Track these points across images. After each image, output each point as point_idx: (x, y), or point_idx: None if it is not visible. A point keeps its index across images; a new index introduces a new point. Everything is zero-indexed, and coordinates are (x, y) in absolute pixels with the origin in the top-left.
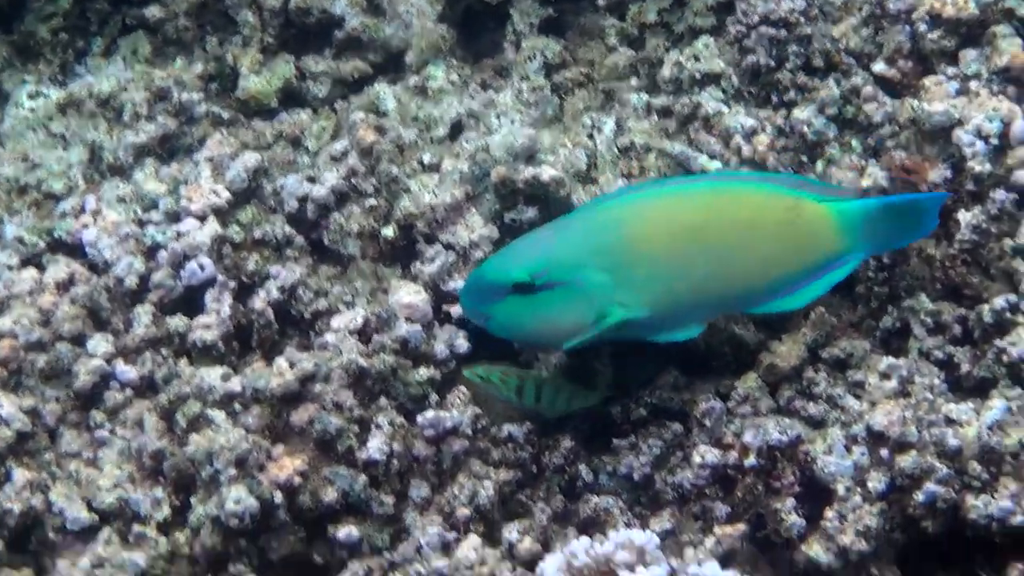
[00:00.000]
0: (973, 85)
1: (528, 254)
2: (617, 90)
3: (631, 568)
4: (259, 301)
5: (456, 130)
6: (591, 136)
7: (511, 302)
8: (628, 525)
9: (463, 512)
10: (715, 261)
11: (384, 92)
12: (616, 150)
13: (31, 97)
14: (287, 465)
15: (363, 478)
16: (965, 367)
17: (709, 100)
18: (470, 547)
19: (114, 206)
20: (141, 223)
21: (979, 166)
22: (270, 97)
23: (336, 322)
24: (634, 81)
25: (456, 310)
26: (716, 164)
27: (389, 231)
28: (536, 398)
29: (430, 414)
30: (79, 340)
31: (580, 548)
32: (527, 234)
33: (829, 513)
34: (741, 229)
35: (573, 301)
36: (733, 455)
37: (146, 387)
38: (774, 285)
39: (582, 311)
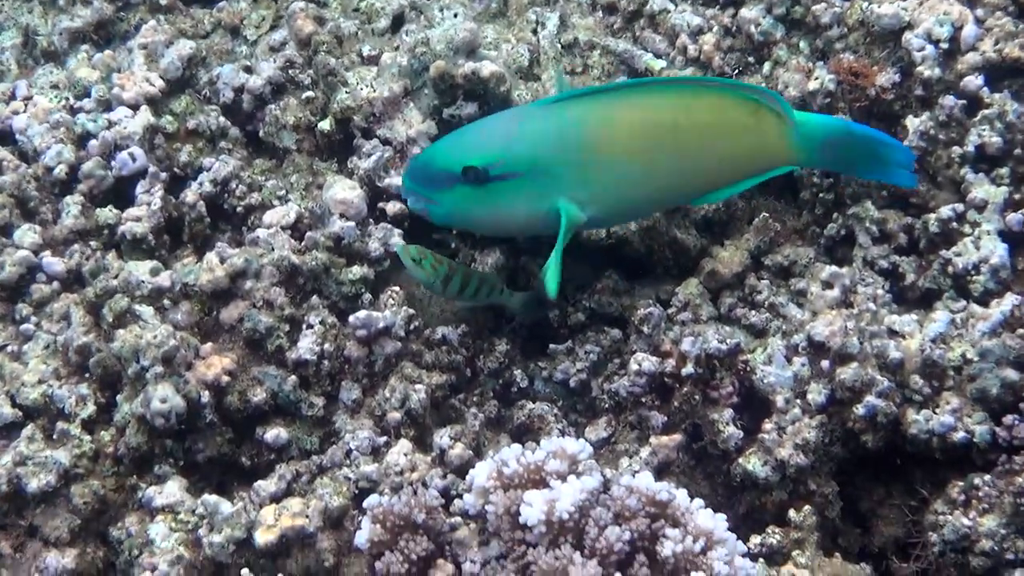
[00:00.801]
0: None
1: (485, 141)
2: None
3: (562, 477)
4: (191, 194)
5: (398, 23)
6: (534, 31)
7: (460, 191)
8: (563, 432)
9: (394, 416)
10: (674, 165)
11: None
12: (560, 46)
13: None
14: (215, 364)
15: (293, 379)
16: (910, 277)
17: None
18: (400, 452)
19: (46, 92)
20: (73, 111)
21: (928, 71)
22: None
23: (269, 217)
24: None
25: (392, 207)
26: (661, 63)
27: (325, 124)
28: (459, 290)
29: (362, 314)
30: (5, 230)
31: (511, 456)
32: (482, 120)
33: (767, 425)
34: (703, 131)
35: (526, 195)
36: (671, 363)
37: (74, 280)
38: (724, 184)
39: (534, 206)
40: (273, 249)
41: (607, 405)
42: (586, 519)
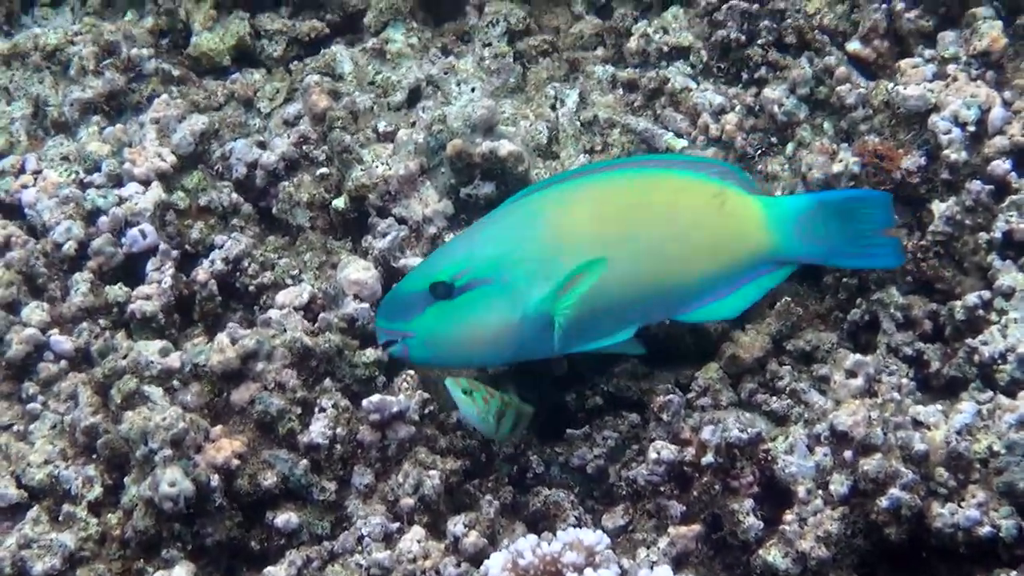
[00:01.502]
0: (951, 69)
1: (446, 256)
2: (582, 60)
3: (579, 570)
4: (202, 272)
5: (414, 97)
6: (553, 108)
7: (431, 313)
8: (579, 520)
9: (407, 502)
10: (640, 249)
11: (341, 54)
12: (579, 124)
13: None
14: (225, 447)
15: (304, 462)
16: (935, 365)
17: (677, 75)
18: (413, 539)
19: (56, 166)
20: (83, 185)
21: (955, 154)
22: (223, 55)
23: (281, 297)
24: (600, 52)
25: None
26: (682, 142)
27: (340, 202)
28: (512, 428)
29: (376, 398)
30: (13, 307)
31: (527, 546)
32: (443, 245)
33: (788, 516)
34: (664, 213)
35: (497, 300)
36: (690, 451)
37: (82, 359)
38: (702, 282)
39: (507, 310)
40: (285, 330)
41: (624, 492)
42: None
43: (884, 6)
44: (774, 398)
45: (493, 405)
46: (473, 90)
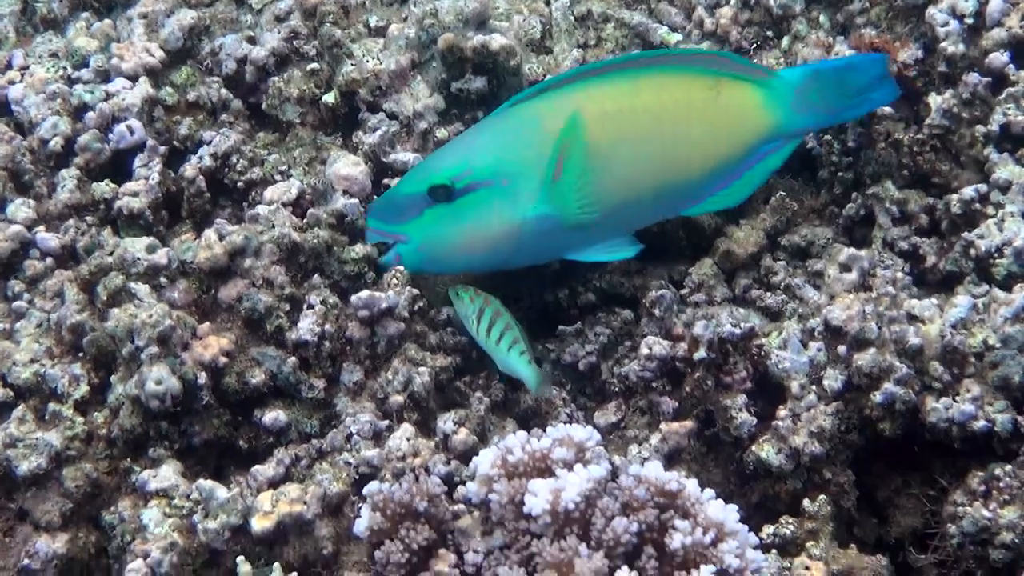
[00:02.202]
0: None
1: (446, 158)
2: None
3: (569, 466)
4: (191, 168)
5: None
6: (547, 2)
7: (429, 215)
8: (571, 417)
9: (397, 399)
10: (640, 151)
11: None
12: (572, 18)
13: None
14: (212, 344)
15: (293, 360)
16: (931, 259)
17: None
18: (403, 437)
19: (44, 62)
20: (71, 81)
21: (952, 47)
22: None
23: (270, 193)
24: None
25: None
26: (676, 36)
27: (330, 98)
28: (489, 326)
29: (365, 294)
30: None
31: (516, 443)
32: (441, 147)
33: (782, 412)
34: (662, 113)
35: (497, 202)
36: (683, 347)
37: (68, 256)
38: (706, 175)
39: (508, 212)
40: (274, 226)
41: (617, 389)
42: (593, 509)
43: None
44: (768, 294)
45: (477, 302)
46: None
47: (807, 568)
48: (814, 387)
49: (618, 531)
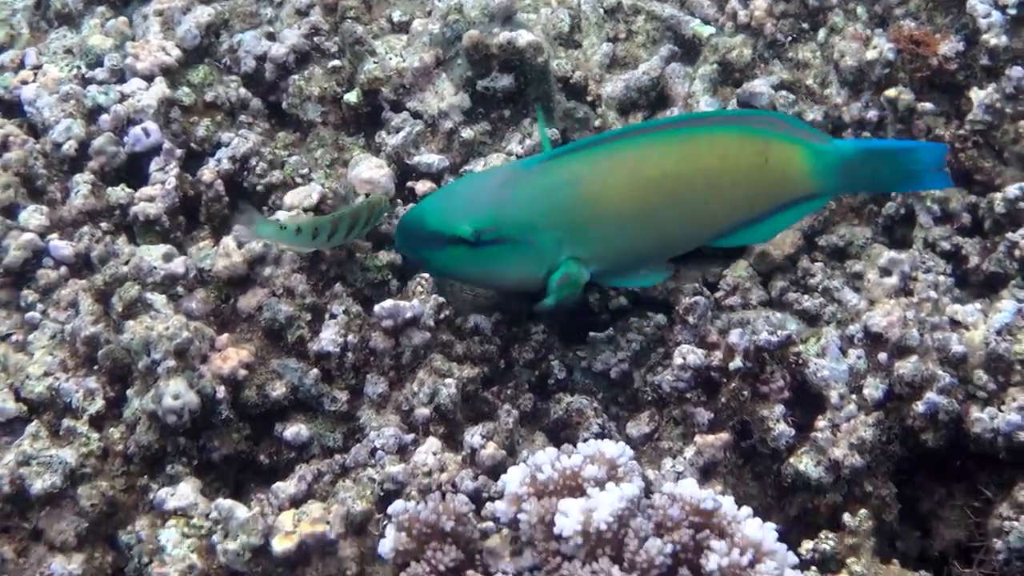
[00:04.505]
0: None
1: (474, 206)
2: None
3: (601, 484)
4: (208, 172)
5: None
6: None
7: (451, 252)
8: (603, 428)
9: (422, 412)
10: (679, 212)
11: None
12: (602, 11)
13: None
14: (231, 356)
15: (314, 372)
16: (974, 260)
17: None
18: (429, 451)
19: (58, 60)
20: (85, 81)
21: (995, 39)
22: None
23: (290, 198)
24: None
25: (422, 186)
26: (709, 29)
27: (352, 96)
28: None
29: (389, 303)
30: (10, 211)
31: (546, 460)
32: (472, 177)
33: (821, 422)
34: (706, 179)
35: (521, 257)
36: (718, 356)
37: (83, 264)
38: (740, 224)
39: (531, 267)
40: None
41: (650, 398)
42: (625, 530)
43: None
44: (806, 296)
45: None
46: None
47: None
48: (854, 396)
49: (652, 553)
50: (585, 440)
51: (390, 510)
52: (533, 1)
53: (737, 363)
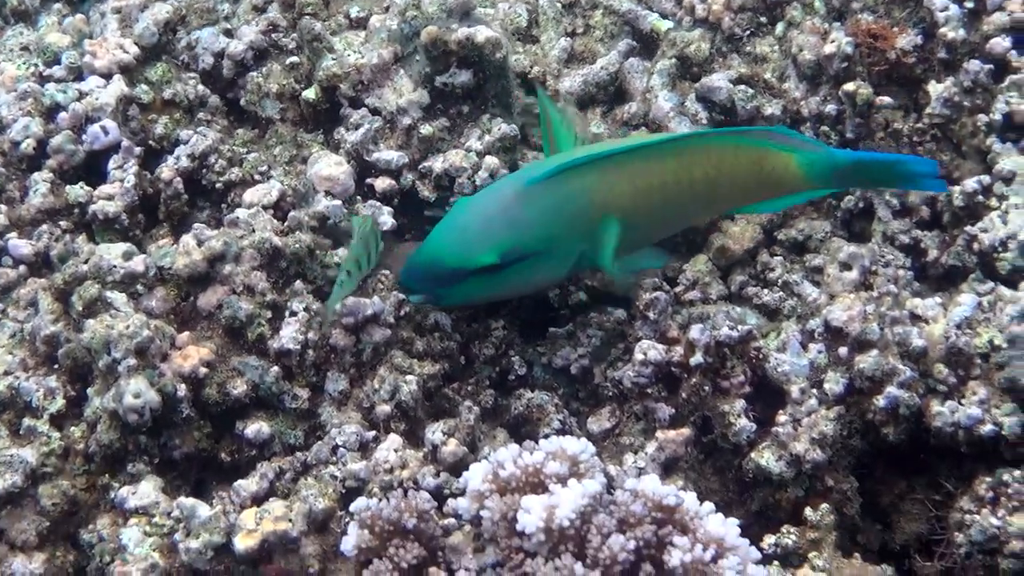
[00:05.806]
0: None
1: (492, 234)
2: None
3: (563, 481)
4: (167, 170)
5: None
6: None
7: (474, 282)
8: (564, 424)
9: (383, 409)
10: (681, 210)
11: None
12: (560, 6)
13: None
14: (192, 354)
15: (275, 369)
16: (933, 253)
17: None
18: (390, 448)
19: (15, 58)
20: (42, 79)
21: (952, 32)
22: None
23: (249, 196)
24: None
25: (381, 183)
26: (667, 24)
27: (311, 93)
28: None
29: (349, 300)
30: None
31: (508, 457)
32: (470, 205)
33: (782, 417)
34: (706, 182)
35: (546, 264)
36: (678, 351)
37: (42, 263)
38: (735, 210)
39: (556, 269)
40: (254, 230)
41: (611, 393)
42: (588, 526)
43: None
44: (766, 290)
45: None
46: None
47: None
48: (815, 391)
49: (615, 549)
50: (546, 436)
51: (352, 507)
52: None
53: (698, 358)
